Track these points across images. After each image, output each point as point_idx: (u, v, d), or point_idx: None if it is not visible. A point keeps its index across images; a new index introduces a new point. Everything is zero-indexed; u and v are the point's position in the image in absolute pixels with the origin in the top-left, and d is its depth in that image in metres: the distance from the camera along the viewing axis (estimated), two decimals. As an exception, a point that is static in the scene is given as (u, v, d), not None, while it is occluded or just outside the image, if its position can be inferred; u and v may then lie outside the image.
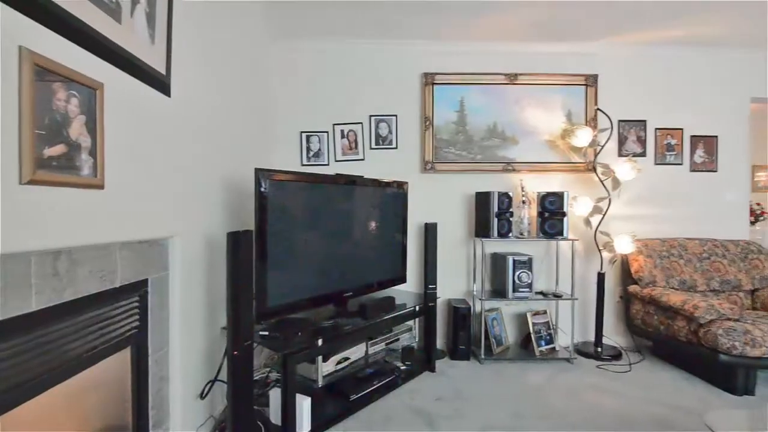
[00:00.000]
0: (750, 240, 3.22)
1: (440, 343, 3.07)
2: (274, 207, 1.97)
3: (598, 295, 3.00)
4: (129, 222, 1.32)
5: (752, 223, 5.73)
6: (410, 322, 2.74)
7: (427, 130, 3.13)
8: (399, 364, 2.64)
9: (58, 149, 1.01)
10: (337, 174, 2.43)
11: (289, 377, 1.80)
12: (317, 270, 2.25)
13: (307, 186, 2.22)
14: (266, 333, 1.91)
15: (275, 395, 1.93)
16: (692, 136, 3.27)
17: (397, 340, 2.66)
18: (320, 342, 1.94)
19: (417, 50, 3.13)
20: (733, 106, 3.29)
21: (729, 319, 2.37)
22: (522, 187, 3.05)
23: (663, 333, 2.70)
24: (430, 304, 2.74)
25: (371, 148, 3.16)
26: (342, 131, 3.14)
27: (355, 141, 3.14)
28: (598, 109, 3.15)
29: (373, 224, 2.64)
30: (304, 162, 3.14)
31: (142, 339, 1.47)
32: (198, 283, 1.88)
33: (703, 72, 3.25)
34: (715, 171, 3.29)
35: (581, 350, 3.00)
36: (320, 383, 2.09)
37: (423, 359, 2.76)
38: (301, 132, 3.14)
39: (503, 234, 2.87)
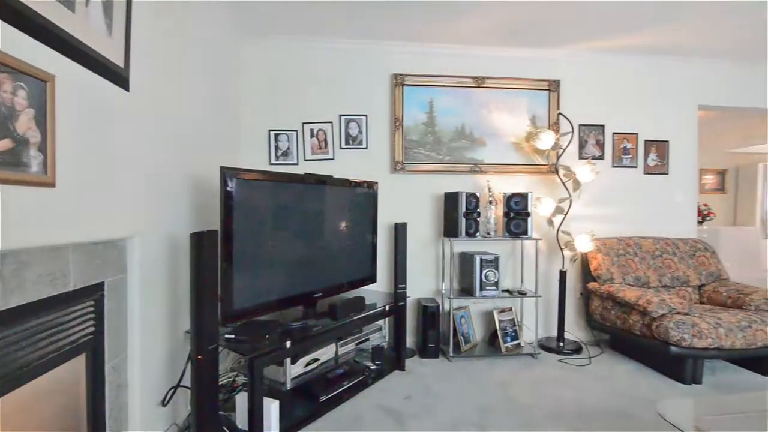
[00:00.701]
0: (698, 238, 3.45)
1: (410, 341, 3.10)
2: (241, 206, 1.92)
3: (560, 292, 3.12)
4: (83, 222, 1.25)
5: (700, 222, 6.12)
6: (380, 322, 2.75)
7: (397, 130, 3.15)
8: (369, 363, 2.64)
9: (3, 144, 0.94)
10: (306, 173, 2.40)
11: (256, 381, 1.76)
12: (286, 271, 2.22)
13: (276, 185, 2.18)
14: (232, 336, 1.86)
15: (242, 399, 1.89)
16: (646, 141, 3.46)
17: (368, 339, 2.66)
18: (289, 344, 1.92)
19: (387, 51, 3.15)
20: (682, 113, 3.51)
21: (679, 313, 2.53)
22: (489, 188, 3.13)
23: (620, 327, 2.84)
24: (399, 304, 2.76)
25: (341, 148, 3.14)
26: (311, 130, 3.11)
27: (325, 140, 3.12)
28: (560, 113, 3.28)
29: (343, 224, 2.63)
30: (273, 161, 3.08)
31: (98, 345, 1.40)
32: (160, 286, 1.81)
33: (655, 80, 3.45)
34: (667, 174, 3.50)
35: (545, 345, 3.11)
36: (289, 385, 2.05)
37: (393, 358, 2.78)
38: (270, 130, 3.08)
39: (471, 234, 2.94)
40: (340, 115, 3.13)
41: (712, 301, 3.05)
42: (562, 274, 3.13)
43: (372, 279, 2.85)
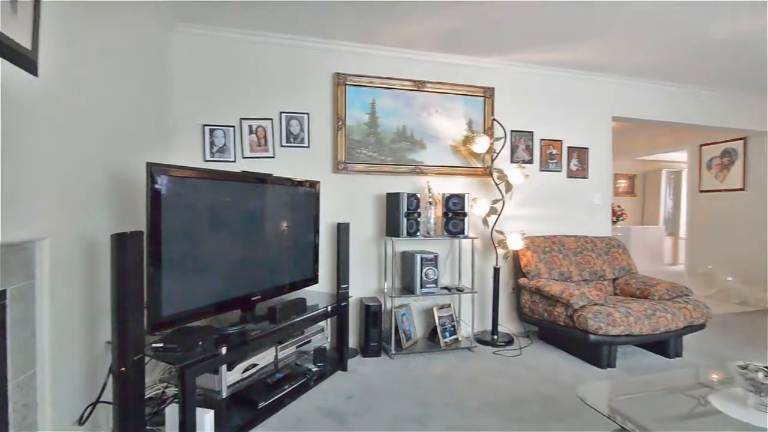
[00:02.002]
0: (612, 236, 3.83)
1: (353, 341, 3.10)
2: (171, 206, 1.80)
3: (494, 288, 3.30)
4: (-21, 222, 1.10)
5: (614, 222, 6.78)
6: (322, 323, 2.72)
7: (339, 130, 3.13)
8: (311, 365, 2.60)
9: None
10: (243, 171, 2.31)
11: (187, 391, 1.66)
12: (222, 274, 2.12)
13: (210, 183, 2.07)
14: (161, 345, 1.74)
15: (172, 412, 1.77)
16: (569, 147, 3.78)
17: (309, 341, 2.62)
18: (224, 350, 1.83)
19: (330, 50, 3.12)
20: (599, 123, 3.87)
21: (596, 304, 2.79)
22: (429, 189, 3.22)
23: (546, 319, 3.06)
24: (342, 304, 2.75)
25: (282, 146, 3.06)
26: (250, 127, 2.99)
27: (265, 138, 3.02)
28: (495, 119, 3.47)
29: (283, 224, 2.57)
30: (208, 158, 2.92)
31: (-2, 362, 1.24)
32: (76, 293, 1.64)
33: (577, 92, 3.78)
34: (586, 178, 3.84)
35: (480, 339, 3.28)
36: (225, 394, 1.96)
37: (335, 359, 2.76)
38: (204, 125, 2.92)
39: (412, 233, 3.01)
40: (281, 113, 3.05)
41: (623, 293, 3.39)
42: (496, 271, 3.31)
43: (314, 280, 2.81)
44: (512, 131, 3.57)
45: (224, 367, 1.93)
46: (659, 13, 2.60)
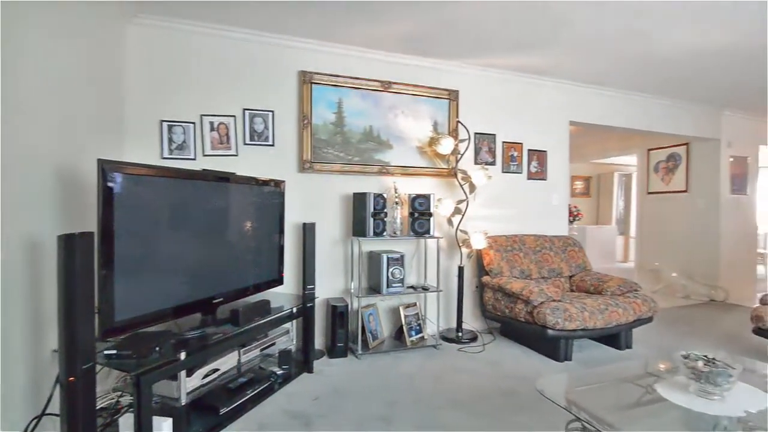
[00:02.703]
0: (569, 235, 4.01)
1: (319, 342, 3.07)
2: (125, 205, 1.71)
3: (459, 287, 3.38)
4: None
5: (571, 222, 7.10)
6: (287, 325, 2.68)
7: (305, 128, 3.09)
8: (276, 368, 2.55)
9: None
10: (204, 170, 2.23)
11: (143, 399, 1.58)
12: (181, 276, 2.03)
13: (168, 182, 1.98)
14: (113, 352, 1.64)
15: (127, 422, 1.68)
16: (529, 150, 3.92)
17: (274, 344, 2.56)
18: (183, 355, 1.76)
19: (295, 47, 3.07)
20: (557, 127, 4.05)
21: (554, 301, 2.91)
22: (395, 189, 3.25)
23: (508, 315, 3.16)
24: (308, 305, 2.72)
25: (245, 144, 2.98)
26: (212, 123, 2.90)
27: (227, 135, 2.93)
28: (459, 121, 3.55)
29: (247, 225, 2.50)
30: (166, 155, 2.80)
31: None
32: (17, 298, 1.53)
33: (537, 96, 3.93)
34: (545, 179, 4.00)
35: (446, 336, 3.34)
36: (184, 401, 1.88)
37: (301, 361, 2.72)
38: (162, 121, 2.79)
39: (378, 233, 3.01)
40: (245, 109, 2.97)
41: (579, 289, 3.56)
42: (461, 270, 3.38)
43: (279, 281, 2.76)
44: (476, 133, 3.66)
45: (183, 373, 1.86)
46: (611, 25, 2.75)
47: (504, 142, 3.81)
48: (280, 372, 2.53)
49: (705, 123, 4.85)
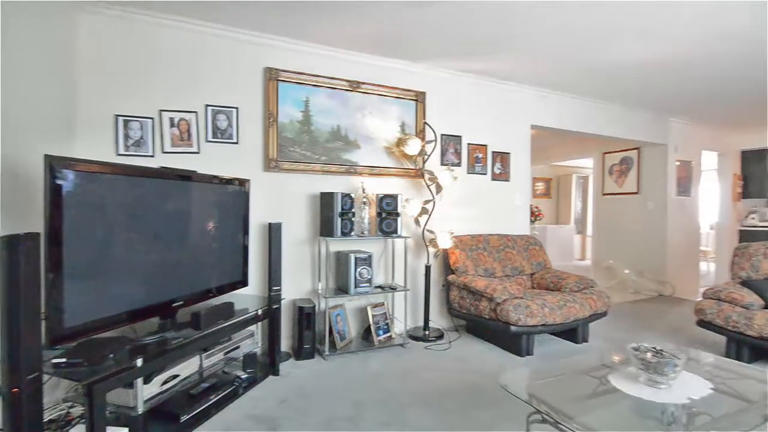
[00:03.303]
0: (530, 235, 4.16)
1: (285, 345, 3.02)
2: (76, 204, 1.62)
3: (426, 285, 3.42)
4: None
5: (532, 221, 7.34)
6: (252, 327, 2.61)
7: (271, 126, 3.03)
8: (240, 372, 2.49)
9: None
10: (163, 167, 2.14)
11: (96, 409, 1.50)
12: (138, 279, 1.94)
13: (123, 180, 1.89)
14: (63, 360, 1.55)
15: (77, 434, 1.58)
16: (493, 152, 4.03)
17: (238, 347, 2.50)
18: (140, 362, 1.68)
19: (261, 43, 3.00)
20: (520, 130, 4.19)
21: (516, 298, 3.01)
22: (363, 189, 3.25)
23: (473, 313, 3.24)
24: (274, 307, 2.67)
25: (208, 141, 2.88)
26: (172, 119, 2.78)
27: (188, 132, 2.82)
28: (426, 123, 3.59)
29: (210, 225, 2.42)
30: (122, 151, 2.65)
31: None
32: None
33: (500, 100, 4.04)
34: (508, 181, 4.13)
35: (413, 335, 3.37)
36: (141, 409, 1.80)
37: (267, 364, 2.67)
38: (118, 116, 2.65)
39: (346, 233, 3.00)
40: (207, 105, 2.87)
41: (540, 286, 3.70)
42: (427, 269, 3.43)
43: (243, 282, 2.69)
44: (442, 135, 3.72)
45: (140, 380, 1.77)
46: (568, 36, 2.88)
47: (469, 143, 3.89)
48: (244, 376, 2.47)
49: (654, 129, 5.17)
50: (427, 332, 3.38)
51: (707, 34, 2.86)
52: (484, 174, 3.99)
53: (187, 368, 2.08)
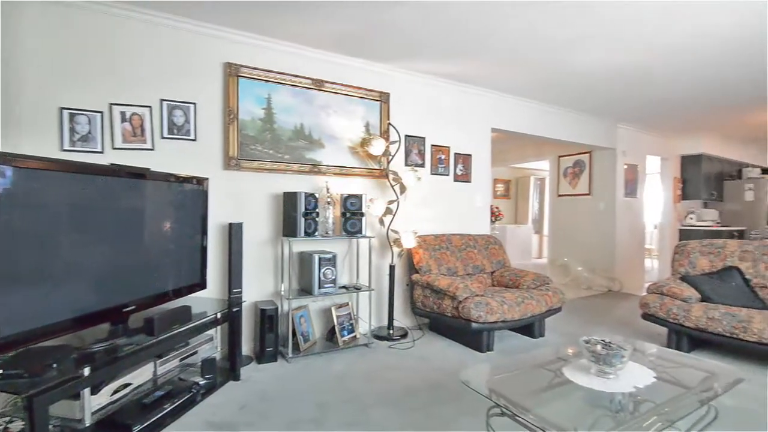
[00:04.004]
0: (491, 234, 4.29)
1: (247, 348, 2.94)
2: (11, 203, 1.49)
3: (390, 285, 3.45)
4: None
5: (492, 221, 7.57)
6: (211, 332, 2.52)
7: (231, 123, 2.94)
8: (198, 378, 2.39)
9: None
10: (113, 164, 2.02)
11: (37, 423, 1.39)
12: (85, 283, 1.82)
13: (68, 177, 1.77)
14: (-1, 371, 1.43)
15: (15, 451, 1.47)
16: (456, 153, 4.12)
17: (195, 353, 2.40)
18: (87, 371, 1.58)
19: (221, 37, 2.90)
20: (481, 133, 4.31)
21: (477, 295, 3.09)
22: (327, 189, 3.22)
23: (436, 311, 3.30)
24: (234, 309, 2.59)
25: (163, 138, 2.75)
26: (123, 114, 2.63)
27: (141, 127, 2.68)
28: (390, 123, 3.62)
29: (165, 225, 2.32)
30: (66, 146, 2.48)
31: None
32: None
33: (462, 103, 4.14)
34: (470, 182, 4.24)
35: (377, 335, 3.38)
36: (89, 421, 1.69)
37: (227, 369, 2.59)
38: (63, 109, 2.47)
39: (309, 233, 2.97)
40: (162, 100, 2.74)
41: (499, 284, 3.83)
42: (392, 269, 3.45)
43: (202, 285, 2.59)
44: (406, 136, 3.76)
45: (87, 390, 1.67)
46: (526, 43, 3.00)
47: (433, 145, 3.96)
48: (203, 382, 2.38)
49: (604, 134, 5.48)
50: (391, 331, 3.40)
51: (652, 48, 3.07)
52: (447, 175, 4.07)
53: (139, 376, 1.98)
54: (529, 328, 3.43)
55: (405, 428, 2.02)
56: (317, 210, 3.04)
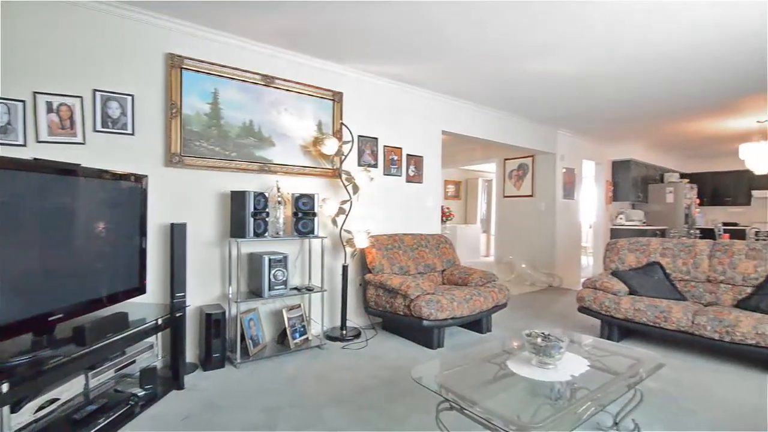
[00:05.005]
0: (441, 234, 4.40)
1: (192, 355, 2.80)
2: None
3: (343, 285, 3.43)
4: None
5: (443, 221, 7.78)
6: (151, 339, 2.37)
7: (174, 118, 2.78)
8: (137, 389, 2.24)
9: None
10: (37, 159, 1.84)
11: (-57, 449, 1.24)
12: (1, 290, 1.64)
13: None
14: None
15: None
16: (408, 155, 4.19)
17: (133, 362, 2.25)
18: (5, 387, 1.43)
19: (163, 26, 2.74)
20: (432, 135, 4.41)
21: (428, 294, 3.16)
22: (278, 188, 3.14)
23: (389, 310, 3.33)
24: (177, 315, 2.46)
25: (96, 131, 2.54)
26: (50, 104, 2.40)
27: (71, 119, 2.46)
28: (343, 123, 3.60)
29: (99, 226, 2.14)
30: (-21, 139, 2.22)
31: None
32: None
33: (414, 105, 4.22)
34: (422, 183, 4.33)
35: (330, 335, 3.36)
36: (7, 443, 1.53)
37: (169, 378, 2.45)
38: (-27, 96, 2.21)
39: (259, 234, 2.88)
40: (96, 90, 2.53)
41: (449, 282, 3.94)
42: (345, 269, 3.44)
43: (141, 290, 2.43)
44: (359, 136, 3.76)
45: (6, 409, 1.51)
46: (480, 50, 3.12)
47: (385, 146, 3.99)
48: (142, 393, 2.23)
49: (545, 139, 5.83)
50: (344, 332, 3.39)
51: (588, 59, 3.31)
52: (399, 176, 4.12)
53: (69, 390, 1.82)
54: (477, 323, 3.57)
55: (357, 427, 2.02)
56: (267, 210, 2.96)
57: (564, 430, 1.38)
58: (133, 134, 2.66)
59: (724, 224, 7.36)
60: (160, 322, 2.31)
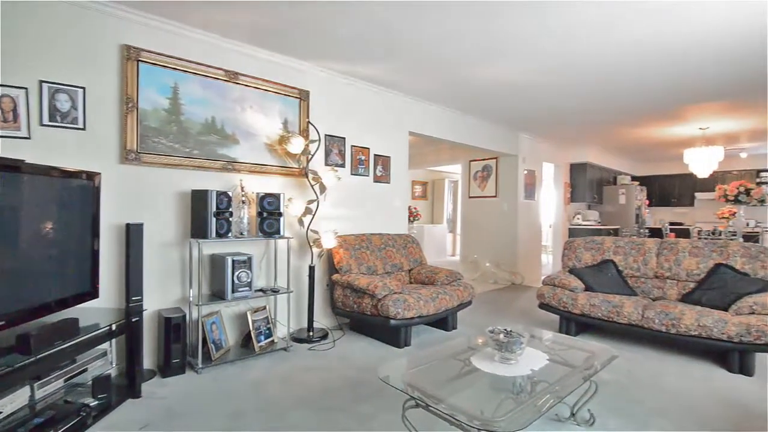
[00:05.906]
0: (409, 234, 4.44)
1: (150, 361, 2.68)
2: None
3: (310, 286, 3.40)
4: None
5: (410, 221, 7.86)
6: (105, 346, 2.25)
7: (129, 113, 2.64)
8: (89, 399, 2.11)
9: None
10: (-25, 155, 1.70)
11: None
12: (-67, 296, 1.51)
13: None
14: None
15: None
16: (375, 155, 4.20)
17: (85, 370, 2.12)
18: (-62, 402, 1.31)
19: (118, 15, 2.60)
20: (399, 135, 4.44)
21: (396, 293, 3.18)
22: (242, 187, 3.07)
23: (356, 310, 3.33)
24: (133, 320, 2.34)
25: (43, 125, 2.38)
26: (-12, 95, 2.22)
27: (14, 112, 2.29)
28: (309, 122, 3.56)
29: (46, 227, 2.00)
30: None
31: None
32: None
33: (382, 106, 4.24)
34: (389, 183, 4.35)
35: (297, 337, 3.31)
36: (-62, 463, 1.41)
37: (124, 386, 2.33)
38: None
39: (222, 234, 2.79)
40: (42, 82, 2.37)
41: (416, 281, 3.99)
42: (311, 269, 3.40)
43: (93, 294, 2.29)
44: (326, 135, 3.73)
45: (-63, 426, 1.38)
46: (434, 55, 3.17)
47: (353, 146, 3.98)
48: (94, 403, 2.11)
49: (508, 142, 6.01)
50: (311, 333, 3.35)
51: (546, 65, 3.44)
52: (367, 176, 4.13)
53: (12, 402, 1.69)
54: (443, 321, 3.63)
55: (323, 429, 2.01)
56: (231, 209, 2.88)
57: (524, 423, 1.43)
58: (84, 129, 2.51)
59: (671, 224, 7.88)
60: (114, 327, 2.20)
